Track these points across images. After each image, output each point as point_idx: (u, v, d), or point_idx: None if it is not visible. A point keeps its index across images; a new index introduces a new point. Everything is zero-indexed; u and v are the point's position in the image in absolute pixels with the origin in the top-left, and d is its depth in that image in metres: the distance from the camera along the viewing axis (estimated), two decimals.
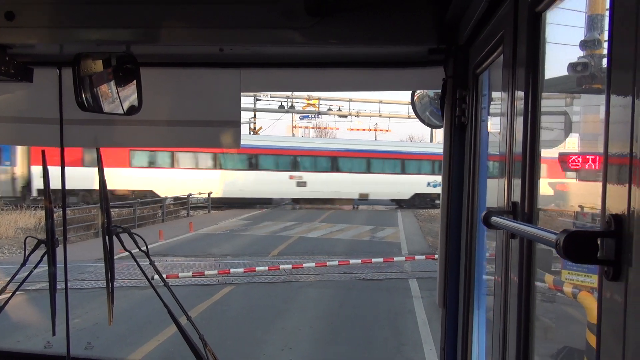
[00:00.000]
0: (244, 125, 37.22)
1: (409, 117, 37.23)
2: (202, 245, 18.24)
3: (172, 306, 2.62)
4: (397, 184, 30.56)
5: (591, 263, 0.78)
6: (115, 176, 26.66)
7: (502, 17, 1.46)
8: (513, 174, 1.34)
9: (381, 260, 14.52)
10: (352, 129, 43.45)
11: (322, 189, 30.56)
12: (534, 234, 1.02)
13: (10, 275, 2.76)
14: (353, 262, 14.16)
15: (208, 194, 29.36)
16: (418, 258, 14.97)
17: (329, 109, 39.64)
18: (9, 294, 2.77)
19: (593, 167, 4.57)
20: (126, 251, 2.73)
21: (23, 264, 2.67)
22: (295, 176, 30.37)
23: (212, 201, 29.86)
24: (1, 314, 2.67)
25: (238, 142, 2.36)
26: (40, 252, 2.63)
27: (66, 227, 2.74)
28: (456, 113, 1.97)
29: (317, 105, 39.19)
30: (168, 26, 1.96)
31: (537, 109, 1.25)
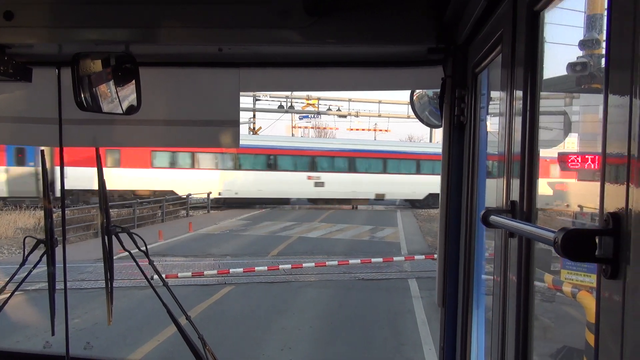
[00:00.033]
0: (244, 125, 37.27)
1: (409, 117, 37.23)
2: (202, 245, 18.24)
3: (172, 306, 2.62)
4: (412, 184, 30.59)
5: (589, 261, 0.78)
6: (136, 177, 27.50)
7: (501, 16, 1.46)
8: (512, 173, 1.34)
9: (381, 260, 14.53)
10: (352, 129, 43.44)
11: (340, 189, 30.72)
12: (533, 233, 1.02)
13: (9, 275, 2.76)
14: (352, 262, 14.16)
15: (207, 194, 29.38)
16: (417, 258, 14.98)
17: (329, 109, 39.61)
18: (8, 294, 2.77)
19: (592, 167, 4.57)
20: (125, 251, 2.73)
21: (22, 264, 2.66)
22: (313, 176, 30.58)
23: (231, 201, 30.25)
24: (0, 314, 2.66)
25: (237, 142, 2.36)
26: (39, 252, 2.63)
27: (65, 227, 2.74)
28: (455, 112, 1.97)
29: (317, 105, 39.17)
30: (167, 26, 1.96)
31: (536, 108, 1.25)
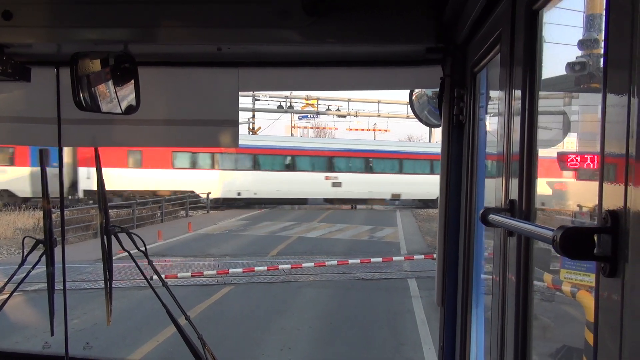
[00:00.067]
0: (243, 125, 37.28)
1: (408, 117, 37.21)
2: (201, 245, 18.23)
3: (171, 306, 2.62)
4: (428, 185, 30.64)
5: (588, 259, 0.78)
6: (158, 178, 28.02)
7: (500, 16, 1.46)
8: (511, 172, 1.34)
9: (380, 260, 14.53)
10: (351, 129, 43.41)
11: (357, 190, 30.94)
12: (531, 231, 1.02)
13: (8, 275, 2.76)
14: (352, 262, 14.17)
15: (207, 194, 29.39)
16: (417, 257, 14.98)
17: (328, 109, 39.60)
18: (7, 295, 2.77)
19: (591, 167, 4.57)
20: (124, 251, 2.73)
21: (21, 264, 2.66)
22: (330, 177, 30.83)
23: (251, 201, 30.59)
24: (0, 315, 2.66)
25: (236, 142, 2.36)
26: (38, 253, 2.62)
27: (64, 228, 2.73)
28: (454, 112, 1.97)
29: (316, 105, 39.16)
30: (166, 25, 1.96)
31: (535, 107, 1.25)
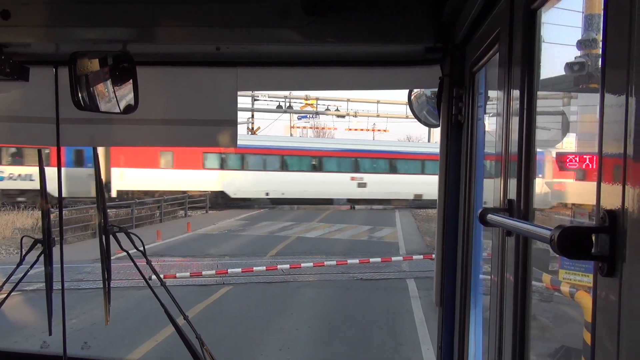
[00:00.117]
0: (242, 125, 37.31)
1: (407, 117, 37.26)
2: (200, 245, 18.22)
3: (170, 306, 2.62)
4: None
5: (586, 259, 0.78)
6: (189, 178, 28.54)
7: (498, 15, 1.46)
8: (509, 172, 1.34)
9: (379, 260, 14.53)
10: (350, 129, 43.43)
11: (381, 190, 31.24)
12: (529, 231, 1.02)
13: (6, 275, 2.75)
14: (351, 262, 14.16)
15: (206, 194, 29.41)
16: (416, 258, 14.98)
17: (327, 109, 39.62)
18: (5, 294, 2.76)
19: (590, 167, 4.57)
20: (123, 251, 2.73)
21: (19, 264, 2.65)
22: (356, 177, 31.15)
23: (278, 201, 31.02)
24: None
25: (235, 142, 2.36)
26: (37, 252, 2.62)
27: (62, 227, 2.73)
28: (453, 112, 1.97)
29: (315, 105, 39.18)
30: (164, 25, 1.96)
31: (533, 107, 1.25)
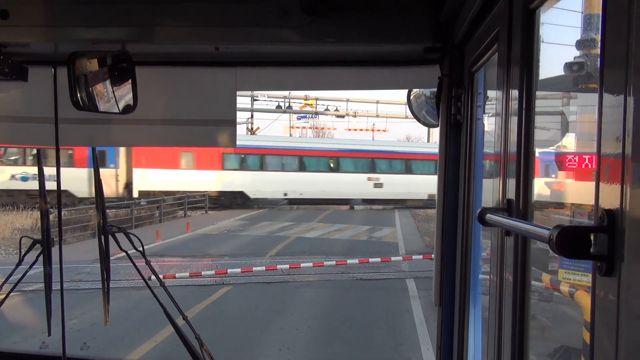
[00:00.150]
0: (241, 125, 37.33)
1: (406, 117, 37.28)
2: (200, 245, 18.22)
3: (169, 307, 2.61)
4: None
5: (584, 258, 0.78)
6: (209, 178, 29.07)
7: (497, 15, 1.46)
8: (508, 172, 1.34)
9: (378, 260, 14.53)
10: (350, 129, 43.43)
11: (397, 190, 31.52)
12: (528, 230, 1.02)
13: (5, 276, 2.75)
14: (350, 262, 14.16)
15: (205, 194, 29.45)
16: (415, 258, 14.99)
17: (327, 109, 39.62)
18: (4, 295, 2.76)
19: (590, 167, 4.57)
20: (122, 251, 2.73)
21: (18, 264, 2.65)
22: (373, 178, 31.50)
23: (296, 202, 31.47)
24: None
25: (234, 142, 2.36)
26: (36, 253, 2.62)
27: (62, 227, 2.72)
28: (452, 111, 1.97)
29: (315, 105, 39.17)
30: (163, 25, 1.96)
31: (532, 107, 1.25)
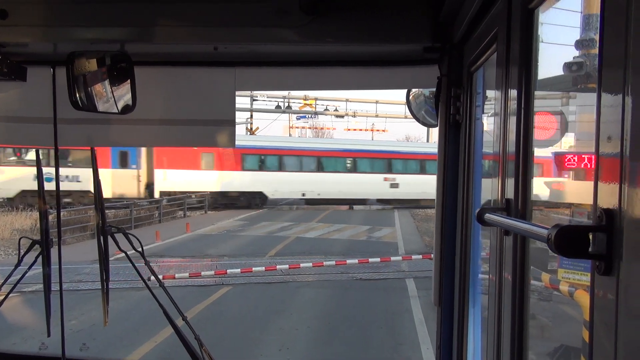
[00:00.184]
0: (241, 125, 37.34)
1: (406, 117, 37.33)
2: (199, 246, 18.21)
3: (169, 307, 2.61)
4: None
5: (583, 258, 0.78)
6: (228, 179, 29.59)
7: (496, 15, 1.46)
8: (507, 171, 1.34)
9: (378, 260, 14.54)
10: (349, 129, 43.45)
11: (412, 190, 31.87)
12: (527, 230, 1.02)
13: (4, 276, 2.74)
14: (350, 262, 14.16)
15: (205, 194, 29.46)
16: (415, 257, 14.99)
17: (326, 109, 39.63)
18: (3, 296, 2.75)
19: (589, 167, 4.57)
20: (121, 252, 2.72)
21: (17, 265, 2.64)
22: (389, 178, 31.99)
23: (313, 202, 31.85)
24: None
25: (233, 141, 2.35)
26: (35, 253, 2.61)
27: (60, 228, 2.72)
28: (451, 111, 1.97)
29: (314, 105, 39.18)
30: (162, 25, 1.96)
31: (531, 107, 1.25)
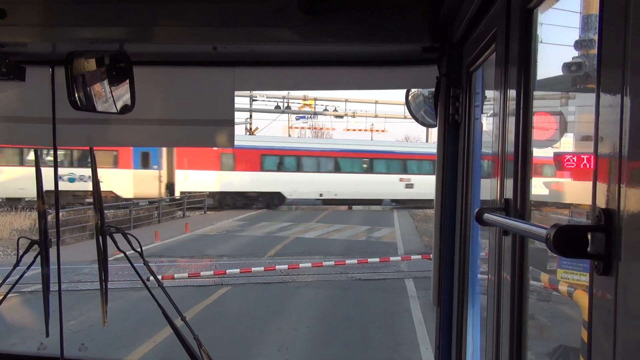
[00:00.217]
0: (240, 125, 37.35)
1: (405, 117, 37.33)
2: (198, 246, 18.20)
3: (168, 307, 2.61)
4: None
5: (581, 257, 0.78)
6: (248, 179, 30.07)
7: (495, 15, 1.46)
8: (506, 171, 1.34)
9: (377, 260, 14.54)
10: (348, 130, 43.47)
11: (426, 190, 32.53)
12: (525, 230, 1.02)
13: (3, 277, 2.74)
14: (349, 262, 14.16)
15: (204, 194, 29.47)
16: (414, 258, 15.00)
17: (325, 110, 39.63)
18: (2, 296, 2.75)
19: (588, 167, 4.57)
20: (120, 252, 2.72)
21: (16, 265, 2.64)
22: (404, 179, 32.36)
23: (330, 202, 32.29)
24: None
25: (232, 141, 2.35)
26: (34, 253, 2.61)
27: (59, 228, 2.72)
28: (450, 111, 1.97)
29: (313, 105, 39.18)
30: (161, 24, 1.96)
31: (529, 106, 1.25)
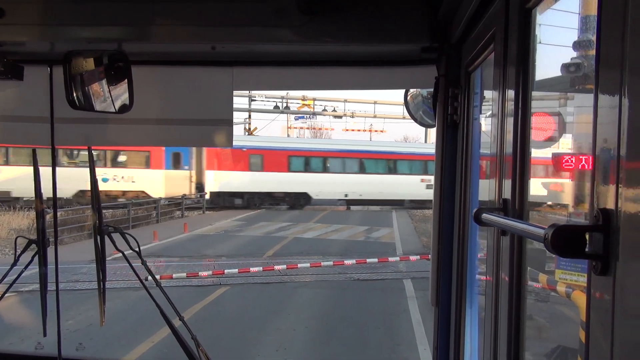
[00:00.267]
0: (239, 125, 37.35)
1: (404, 118, 37.36)
2: (197, 246, 18.19)
3: (166, 307, 2.61)
4: None
5: (579, 257, 0.78)
6: (275, 180, 30.54)
7: (494, 15, 1.46)
8: (504, 171, 1.34)
9: (376, 260, 14.54)
10: (347, 130, 43.50)
11: None
12: (523, 230, 1.02)
13: (0, 276, 2.73)
14: (348, 263, 14.16)
15: (203, 194, 29.48)
16: (412, 258, 15.00)
17: (324, 110, 39.65)
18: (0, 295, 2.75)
19: (586, 167, 4.58)
20: (118, 251, 2.71)
21: (13, 265, 2.64)
22: (425, 179, 32.70)
23: (355, 202, 32.74)
24: None
25: (230, 141, 2.35)
26: (31, 253, 2.60)
27: (57, 228, 2.72)
28: (448, 111, 1.97)
29: (312, 105, 39.20)
30: (160, 24, 1.96)
31: (528, 107, 1.25)
